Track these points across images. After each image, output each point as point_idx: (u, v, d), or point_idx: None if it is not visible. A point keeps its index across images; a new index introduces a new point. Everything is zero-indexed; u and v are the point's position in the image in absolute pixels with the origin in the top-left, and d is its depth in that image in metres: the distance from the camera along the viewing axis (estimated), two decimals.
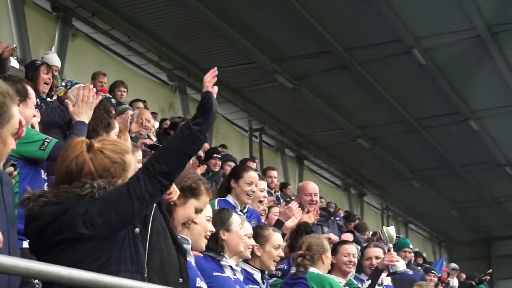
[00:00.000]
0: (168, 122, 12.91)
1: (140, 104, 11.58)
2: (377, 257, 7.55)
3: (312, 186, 8.50)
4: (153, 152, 5.66)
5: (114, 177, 3.35)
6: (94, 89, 5.32)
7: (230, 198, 6.85)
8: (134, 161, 3.79)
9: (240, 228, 5.30)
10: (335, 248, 7.05)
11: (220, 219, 5.13)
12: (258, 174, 7.39)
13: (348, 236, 9.00)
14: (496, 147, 23.45)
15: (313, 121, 21.13)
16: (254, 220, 6.97)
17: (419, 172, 25.45)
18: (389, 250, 7.36)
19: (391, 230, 7.34)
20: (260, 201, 7.38)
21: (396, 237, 10.64)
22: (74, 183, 3.27)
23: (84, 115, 5.16)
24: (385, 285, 7.43)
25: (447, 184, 26.17)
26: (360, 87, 18.82)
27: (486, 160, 24.16)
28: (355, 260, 7.08)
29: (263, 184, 7.45)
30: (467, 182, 26.21)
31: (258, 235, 5.76)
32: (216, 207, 6.24)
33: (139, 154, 5.35)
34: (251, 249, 5.53)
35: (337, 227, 9.95)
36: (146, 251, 3.74)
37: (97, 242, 3.18)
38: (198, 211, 4.40)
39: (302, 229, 6.89)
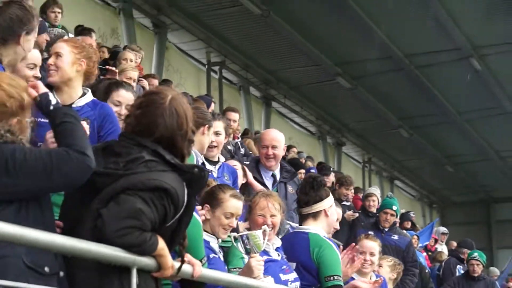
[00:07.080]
0: (106, 52, 11.84)
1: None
2: (371, 254, 7.15)
3: (271, 136, 7.69)
4: None
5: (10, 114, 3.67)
6: None
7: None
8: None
9: None
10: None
11: None
12: (213, 113, 7.07)
13: None
14: (501, 90, 21.54)
15: (285, 55, 19.60)
16: (226, 176, 6.76)
17: (409, 120, 23.97)
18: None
19: (258, 235, 5.29)
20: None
21: (388, 196, 11.32)
22: None
23: None
24: (277, 247, 6.03)
25: (442, 134, 24.82)
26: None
27: (490, 106, 22.52)
28: (374, 259, 7.05)
29: (218, 126, 6.80)
30: (466, 132, 24.66)
31: (213, 196, 5.49)
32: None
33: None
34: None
35: None
36: None
37: None
38: None
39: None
